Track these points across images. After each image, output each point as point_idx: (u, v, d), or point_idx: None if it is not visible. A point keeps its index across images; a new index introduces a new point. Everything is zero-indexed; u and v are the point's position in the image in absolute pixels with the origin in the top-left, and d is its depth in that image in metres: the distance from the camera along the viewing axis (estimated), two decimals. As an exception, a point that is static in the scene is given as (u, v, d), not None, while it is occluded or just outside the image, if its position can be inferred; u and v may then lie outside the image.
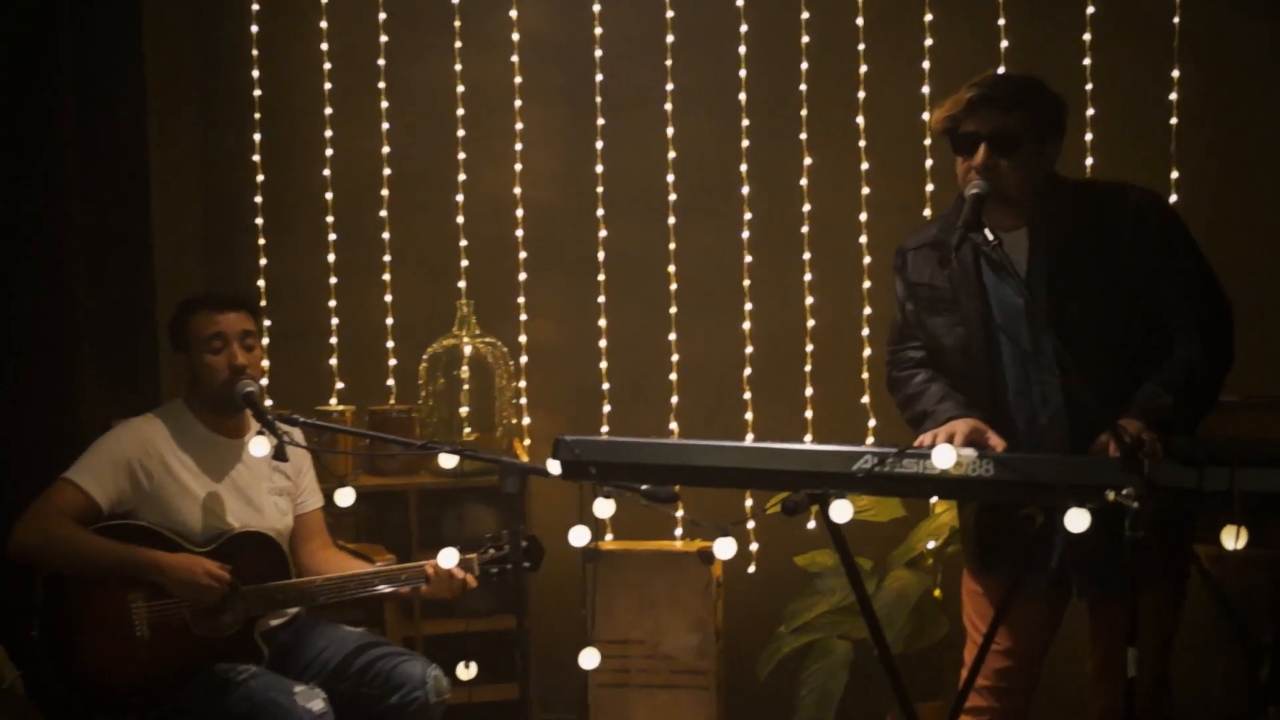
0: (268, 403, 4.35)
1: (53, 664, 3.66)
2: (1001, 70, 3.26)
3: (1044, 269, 3.19)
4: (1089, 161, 4.72)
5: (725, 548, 3.15)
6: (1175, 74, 4.70)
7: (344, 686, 3.78)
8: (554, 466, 3.22)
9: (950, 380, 3.37)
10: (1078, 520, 2.83)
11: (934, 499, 4.68)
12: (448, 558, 3.65)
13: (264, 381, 4.27)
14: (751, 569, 5.00)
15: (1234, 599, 4.13)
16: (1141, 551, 2.72)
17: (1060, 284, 3.18)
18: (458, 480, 4.84)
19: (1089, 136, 4.75)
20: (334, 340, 5.28)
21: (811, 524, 4.89)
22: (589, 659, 3.55)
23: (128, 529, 3.74)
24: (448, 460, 3.61)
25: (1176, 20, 4.69)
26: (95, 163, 4.72)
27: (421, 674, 3.79)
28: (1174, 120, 4.71)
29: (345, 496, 3.67)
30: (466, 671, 3.73)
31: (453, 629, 4.77)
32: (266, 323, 4.88)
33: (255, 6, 5.27)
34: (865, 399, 4.89)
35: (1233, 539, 2.76)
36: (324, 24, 5.23)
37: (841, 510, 3.02)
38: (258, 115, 5.30)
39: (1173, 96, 4.71)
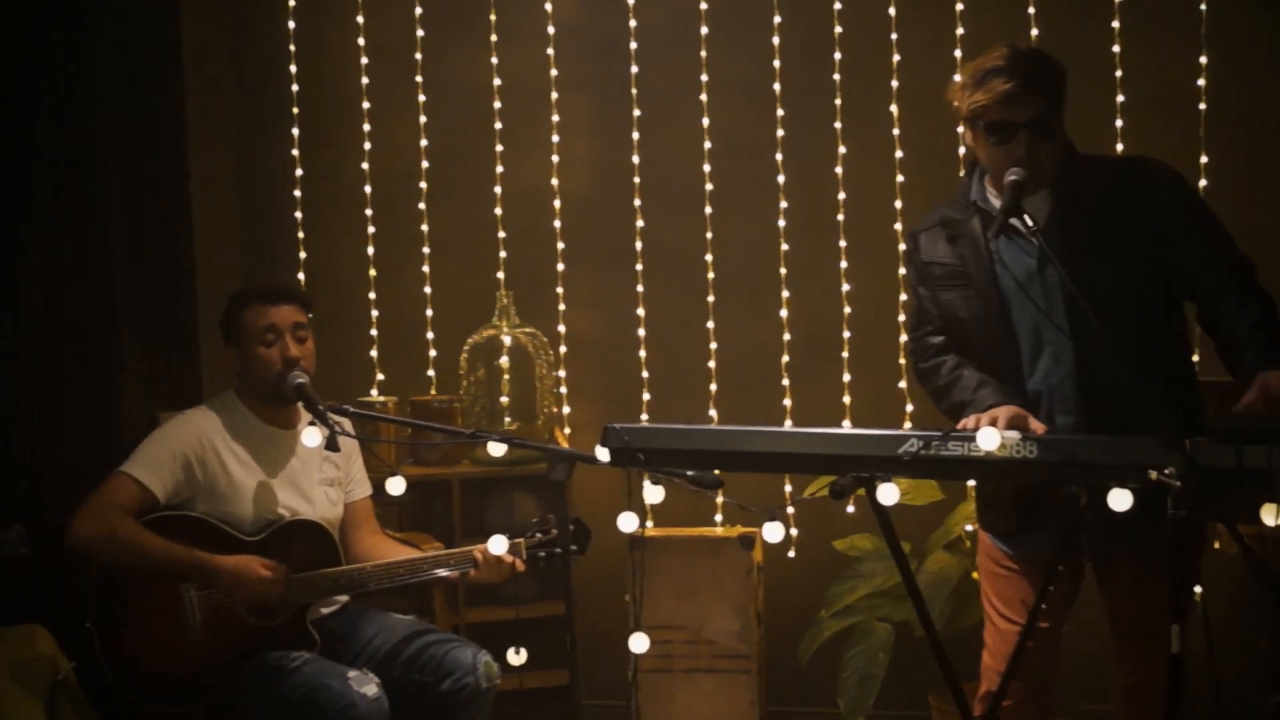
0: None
1: (107, 654, 3.73)
2: (1013, 49, 3.28)
3: (1061, 232, 3.25)
4: (1119, 147, 4.75)
5: (774, 531, 3.20)
6: (1203, 60, 4.72)
7: (395, 673, 3.83)
8: (602, 454, 3.26)
9: (973, 355, 3.44)
10: (1120, 500, 2.87)
11: (972, 482, 4.73)
12: (498, 544, 3.71)
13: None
14: (791, 554, 5.05)
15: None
16: (1182, 529, 2.77)
17: (1076, 246, 3.23)
18: (499, 469, 4.92)
19: (1119, 123, 4.78)
20: (374, 332, 5.36)
21: (850, 508, 4.94)
22: (639, 643, 3.59)
23: (180, 520, 3.80)
24: (497, 448, 3.65)
25: (1203, 7, 4.71)
26: (135, 158, 4.81)
27: (472, 660, 3.85)
28: (1202, 106, 4.73)
29: (396, 485, 3.73)
30: (517, 657, 3.77)
31: (498, 616, 4.85)
32: (307, 315, 4.95)
33: (292, 2, 5.35)
34: (903, 384, 4.93)
35: (1273, 516, 2.80)
36: (360, 19, 5.33)
37: (888, 493, 3.06)
38: (296, 110, 5.40)
39: (1200, 82, 4.73)
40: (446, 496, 4.91)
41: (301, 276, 5.36)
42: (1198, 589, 3.51)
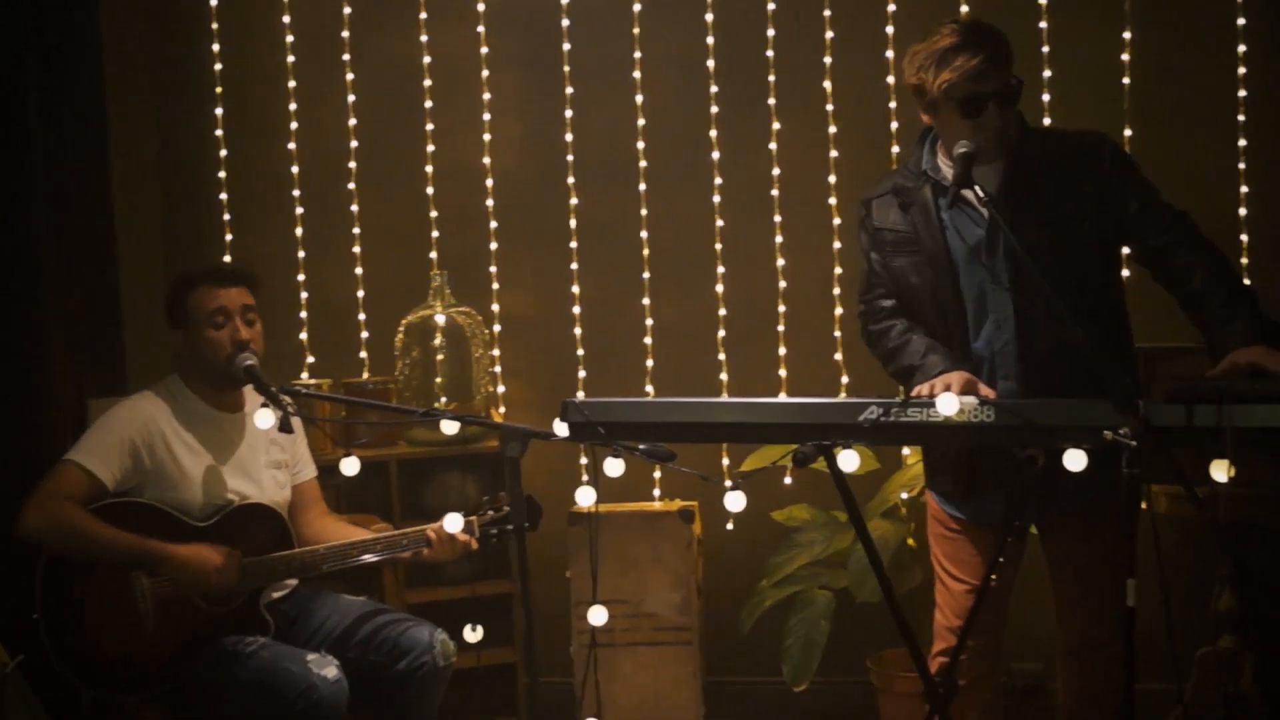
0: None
1: (57, 646, 3.68)
2: (961, 25, 3.36)
3: (1010, 202, 3.35)
4: (1046, 121, 4.84)
5: (736, 500, 3.23)
6: (1127, 35, 4.83)
7: (351, 654, 3.83)
8: (561, 428, 3.28)
9: (921, 320, 3.53)
10: (1075, 460, 2.95)
11: (907, 450, 4.82)
12: (453, 522, 3.71)
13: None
14: (730, 526, 5.09)
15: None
16: (1135, 488, 2.85)
17: (1024, 216, 3.32)
18: (436, 450, 4.92)
19: (1046, 97, 4.87)
20: (304, 314, 5.33)
21: (788, 479, 5.01)
22: (597, 616, 3.61)
23: (130, 507, 3.75)
24: (450, 426, 3.66)
25: (1126, -17, 4.85)
26: (56, 143, 4.72)
27: (429, 638, 3.86)
28: (1126, 80, 4.84)
29: (350, 465, 3.71)
30: (474, 634, 3.79)
31: (437, 597, 4.85)
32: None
33: (213, -22, 5.30)
34: (838, 356, 5.01)
35: (1223, 472, 2.89)
36: (285, -4, 5.28)
37: (849, 460, 3.12)
38: (219, 90, 5.34)
39: (1125, 57, 4.84)
40: (384, 478, 4.89)
41: (228, 259, 5.30)
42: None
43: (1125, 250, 3.64)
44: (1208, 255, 3.33)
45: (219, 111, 5.32)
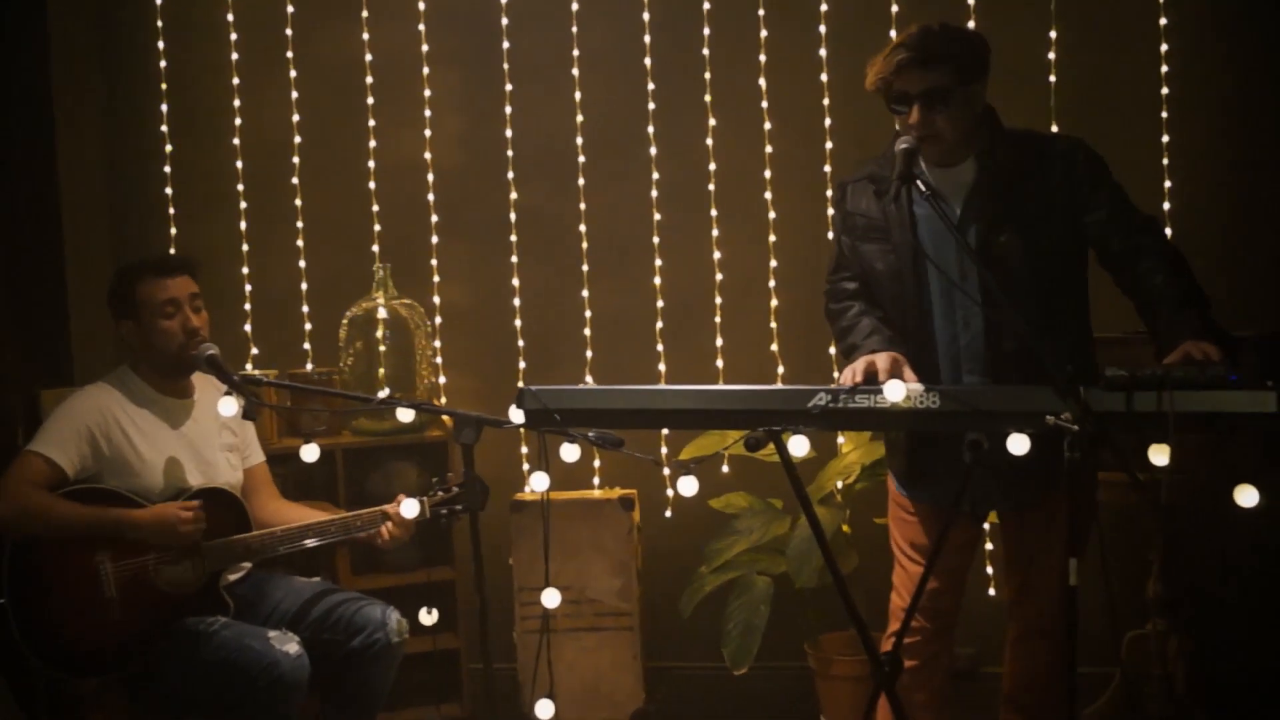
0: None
1: (23, 630, 3.74)
2: (929, 26, 3.48)
3: (981, 198, 3.47)
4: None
5: (688, 485, 3.33)
6: (1053, 35, 5.00)
7: (305, 633, 3.91)
8: (517, 415, 3.38)
9: (882, 308, 3.62)
10: (1018, 444, 3.08)
11: (840, 439, 4.96)
12: (409, 508, 3.80)
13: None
14: (668, 514, 5.23)
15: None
16: (1078, 470, 2.99)
17: (994, 213, 3.45)
18: (379, 439, 4.99)
19: (979, 94, 5.03)
20: (247, 306, 5.38)
21: (725, 468, 5.14)
22: (550, 598, 3.72)
23: (92, 493, 3.82)
24: (405, 414, 3.76)
25: (1052, -17, 5.02)
26: (4, 139, 4.76)
27: (382, 616, 3.96)
28: (1052, 78, 5.01)
29: (310, 452, 3.79)
30: (429, 617, 3.89)
31: (383, 584, 4.90)
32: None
33: (158, -26, 5.34)
34: (774, 347, 5.14)
35: (1164, 456, 3.03)
36: (228, -6, 5.33)
37: (799, 445, 3.23)
38: (164, 85, 5.38)
39: (1050, 55, 5.00)
40: (331, 466, 4.94)
41: (173, 252, 5.34)
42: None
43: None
44: (1168, 262, 3.44)
45: (164, 107, 5.37)
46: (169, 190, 5.40)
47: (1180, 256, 3.49)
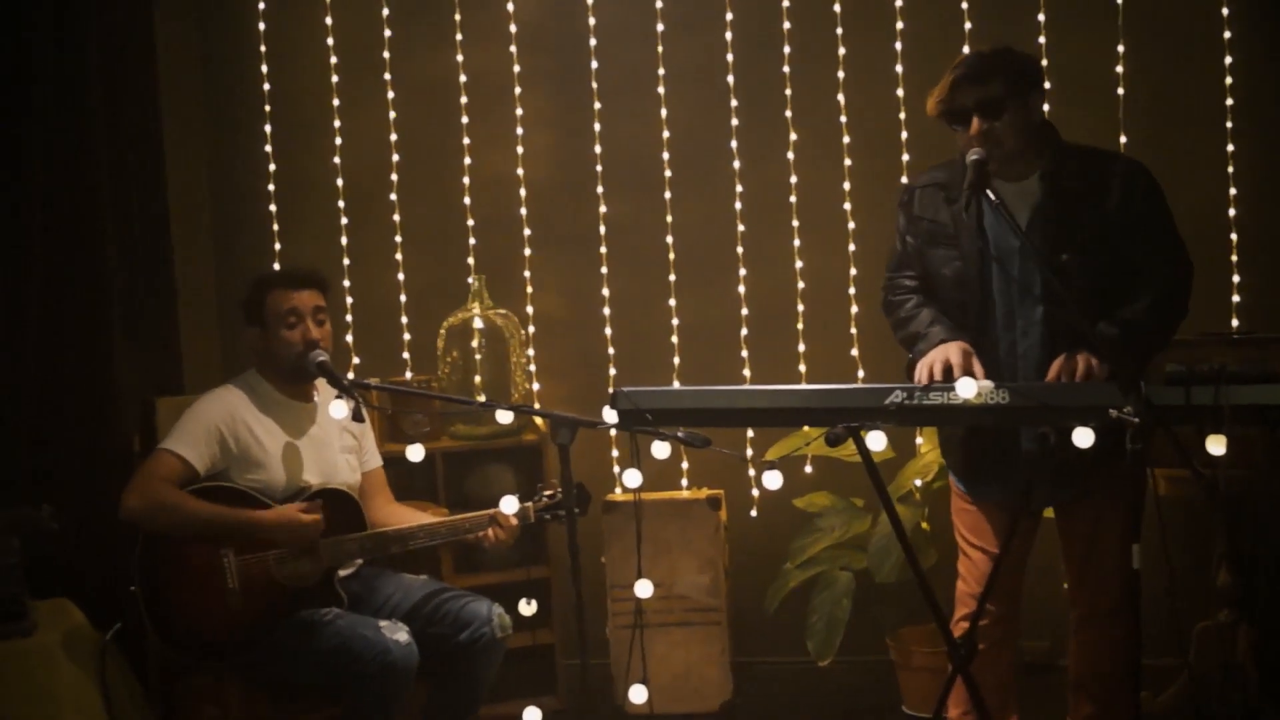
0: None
1: (152, 617, 4.00)
2: (974, 49, 3.69)
3: (1045, 218, 3.66)
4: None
5: (773, 479, 3.53)
6: (1120, 48, 5.15)
7: (415, 627, 4.09)
8: (610, 415, 3.59)
9: (943, 308, 3.80)
10: (1084, 437, 3.26)
11: (919, 440, 5.13)
12: (509, 504, 4.03)
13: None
14: (754, 513, 5.43)
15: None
16: (1140, 460, 3.16)
17: (1057, 232, 3.64)
18: (477, 444, 5.19)
19: (1045, 107, 5.17)
20: (349, 318, 5.62)
21: (808, 468, 5.33)
22: (643, 588, 3.92)
23: (220, 490, 4.07)
24: (505, 416, 3.99)
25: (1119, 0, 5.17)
26: (119, 163, 4.98)
27: (488, 612, 4.16)
28: (1120, 90, 5.16)
29: (416, 452, 4.03)
30: (529, 608, 4.08)
31: (481, 581, 5.08)
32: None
33: (261, 5, 5.60)
34: (855, 351, 5.34)
35: (1220, 446, 3.20)
36: (329, 20, 5.58)
37: (876, 440, 3.42)
38: (268, 106, 5.64)
39: (1119, 69, 5.16)
40: (430, 470, 5.15)
41: (277, 267, 5.60)
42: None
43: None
44: (1155, 301, 3.64)
45: (267, 127, 5.63)
46: (273, 207, 5.66)
47: (1172, 307, 3.68)
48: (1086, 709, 3.98)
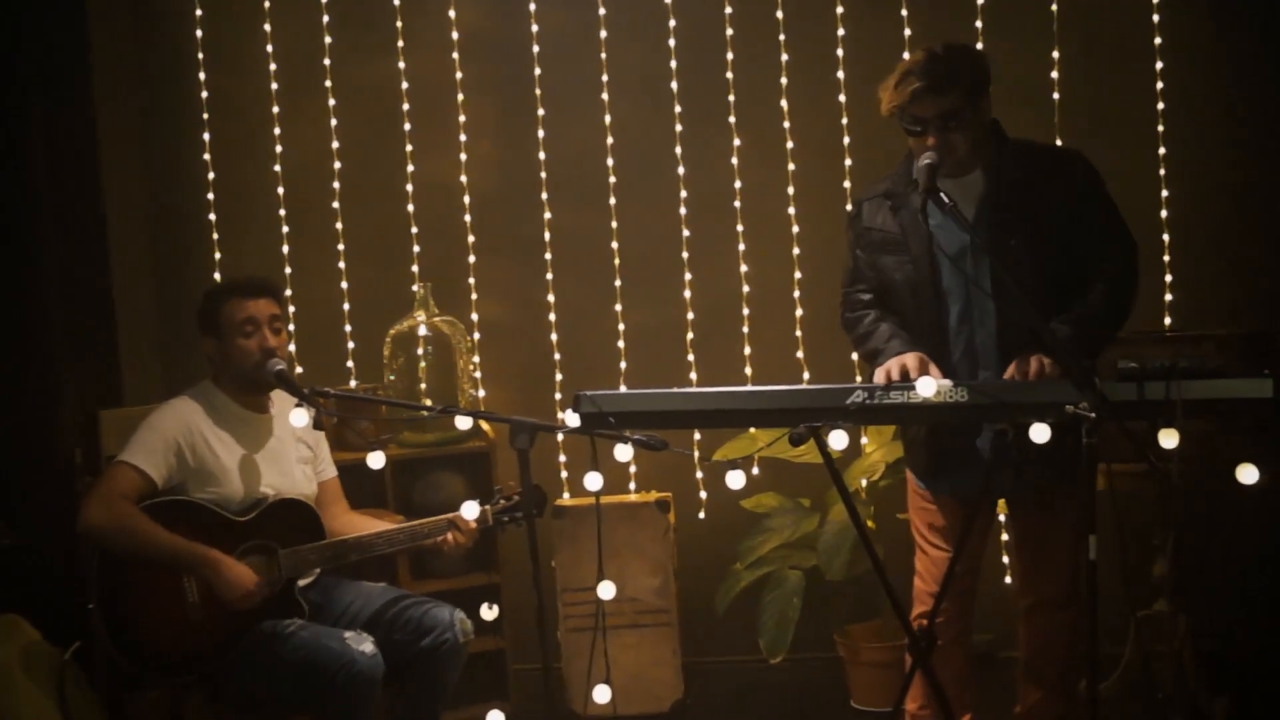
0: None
1: (111, 634, 3.94)
2: (933, 49, 3.75)
3: (991, 210, 3.75)
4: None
5: (736, 479, 3.57)
6: (1055, 54, 5.26)
7: (377, 634, 4.08)
8: (572, 419, 3.61)
9: (898, 315, 3.88)
10: (1040, 432, 3.33)
11: (864, 440, 5.20)
12: (470, 510, 4.04)
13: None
14: (701, 515, 5.48)
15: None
16: (1095, 455, 3.25)
17: (1003, 220, 3.73)
18: (426, 451, 5.19)
19: (985, 108, 5.29)
20: (292, 327, 5.57)
21: (755, 469, 5.38)
22: (606, 590, 3.94)
23: (178, 505, 4.03)
24: (463, 421, 4.02)
25: (1055, 7, 5.27)
26: (56, 170, 4.95)
27: (449, 617, 4.17)
28: (1056, 95, 5.27)
29: (376, 459, 4.03)
30: (490, 612, 4.09)
31: (431, 589, 5.09)
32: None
33: (199, 11, 5.57)
34: (800, 354, 5.40)
35: (1173, 439, 3.29)
36: (268, 27, 5.57)
37: (838, 439, 3.48)
38: (206, 115, 5.61)
39: (1054, 75, 5.27)
40: (379, 478, 5.15)
41: (218, 276, 5.57)
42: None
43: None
44: (1108, 289, 3.73)
45: (206, 136, 5.60)
46: (212, 216, 5.64)
47: (1124, 290, 3.78)
48: (1034, 696, 4.08)
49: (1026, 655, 4.09)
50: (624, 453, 3.69)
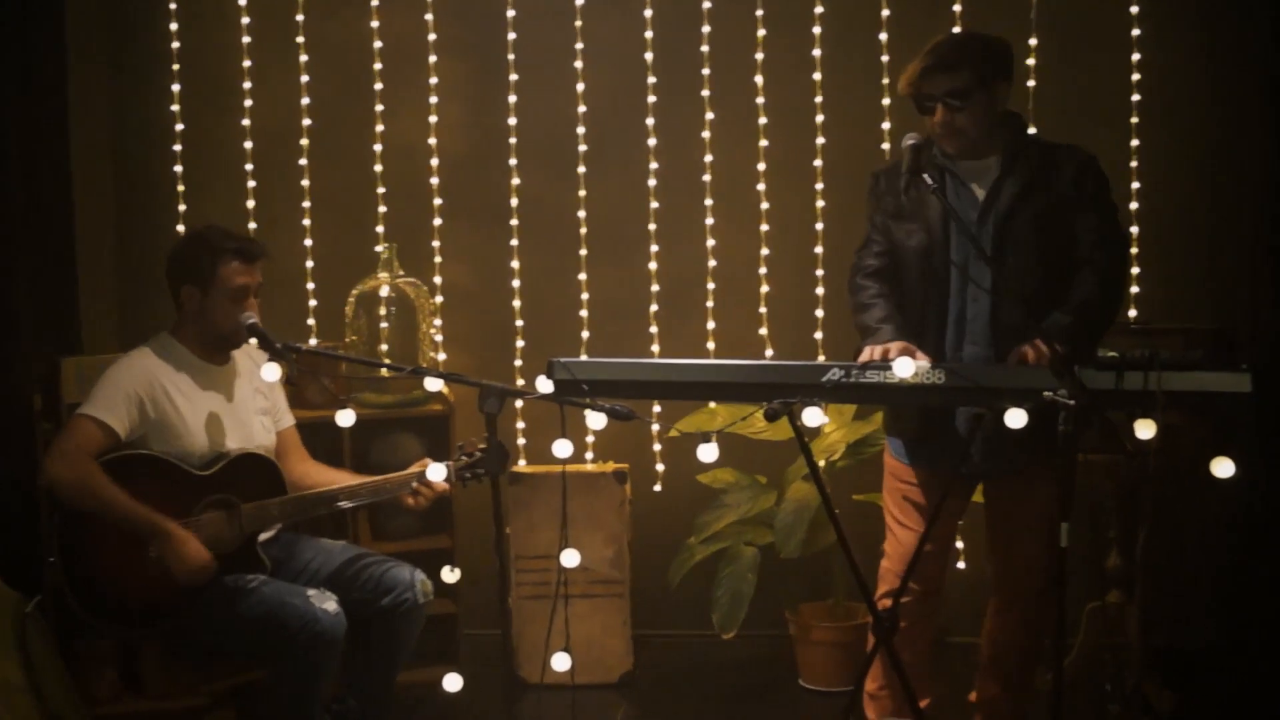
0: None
1: (72, 586, 3.93)
2: (952, 32, 3.82)
3: (1000, 192, 3.83)
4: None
5: (709, 451, 3.58)
6: (1032, 42, 5.28)
7: (337, 592, 4.09)
8: (545, 385, 3.61)
9: (907, 281, 3.94)
10: (1016, 418, 3.36)
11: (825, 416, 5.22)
12: (436, 471, 4.02)
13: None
14: (658, 488, 5.48)
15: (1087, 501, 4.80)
16: (1071, 442, 3.27)
17: (1010, 208, 3.81)
18: (384, 412, 5.18)
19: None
20: (255, 281, 5.54)
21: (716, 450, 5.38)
22: (570, 558, 3.94)
23: (139, 459, 4.01)
24: (433, 383, 3.97)
25: (1031, -6, 5.31)
26: (23, 118, 4.89)
27: (410, 577, 4.17)
28: (1031, 83, 5.29)
29: (345, 417, 4.00)
30: (452, 575, 4.08)
31: (384, 550, 5.09)
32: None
33: (171, -38, 5.49)
34: (763, 330, 5.40)
35: (1148, 430, 3.32)
36: (241, -21, 5.50)
37: (813, 416, 3.48)
38: (175, 66, 5.54)
39: (1030, 62, 5.28)
40: (336, 438, 5.13)
41: (181, 229, 5.51)
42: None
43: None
44: (1100, 281, 3.81)
45: (175, 87, 5.53)
46: (178, 168, 5.56)
47: (1115, 282, 3.87)
48: (993, 690, 4.13)
49: (990, 651, 4.15)
50: (597, 421, 3.67)
